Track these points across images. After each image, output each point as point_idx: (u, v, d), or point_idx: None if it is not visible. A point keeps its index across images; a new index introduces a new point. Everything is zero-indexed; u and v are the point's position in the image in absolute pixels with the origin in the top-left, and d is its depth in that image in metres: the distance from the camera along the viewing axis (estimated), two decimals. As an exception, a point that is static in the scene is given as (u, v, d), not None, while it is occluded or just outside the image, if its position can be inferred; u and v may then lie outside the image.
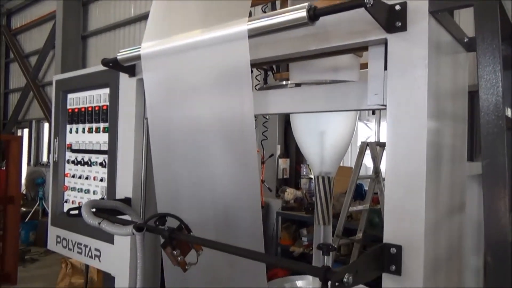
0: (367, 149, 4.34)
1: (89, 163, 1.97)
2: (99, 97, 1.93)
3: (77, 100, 2.07)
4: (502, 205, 0.91)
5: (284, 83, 1.53)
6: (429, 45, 1.00)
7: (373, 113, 5.98)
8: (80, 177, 2.02)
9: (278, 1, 1.76)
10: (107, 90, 1.87)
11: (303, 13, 1.00)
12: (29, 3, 12.21)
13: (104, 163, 1.88)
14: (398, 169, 1.03)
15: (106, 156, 1.87)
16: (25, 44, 12.63)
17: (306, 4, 1.00)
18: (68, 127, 2.13)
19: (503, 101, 0.95)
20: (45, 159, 11.96)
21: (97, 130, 1.93)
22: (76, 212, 1.54)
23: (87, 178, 1.98)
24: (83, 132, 2.02)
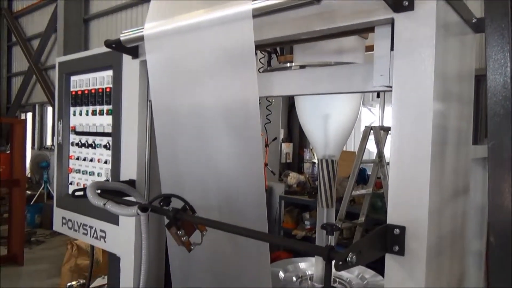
0: (371, 134, 4.33)
1: (93, 145, 1.98)
2: (102, 79, 1.92)
3: (80, 82, 2.06)
4: (506, 186, 0.91)
5: (288, 65, 1.51)
6: (437, 25, 0.98)
7: (378, 96, 5.94)
8: (84, 159, 2.03)
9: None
10: (110, 72, 1.86)
11: (309, -8, 0.99)
12: (30, -15, 12.11)
13: (108, 145, 1.89)
14: (403, 150, 1.02)
15: (110, 138, 1.87)
16: (27, 27, 12.53)
17: (312, -18, 0.99)
18: (71, 109, 2.13)
19: None
20: (49, 142, 12.01)
21: (101, 112, 1.93)
22: (81, 193, 1.55)
23: (91, 160, 1.99)
24: (87, 114, 2.02)
